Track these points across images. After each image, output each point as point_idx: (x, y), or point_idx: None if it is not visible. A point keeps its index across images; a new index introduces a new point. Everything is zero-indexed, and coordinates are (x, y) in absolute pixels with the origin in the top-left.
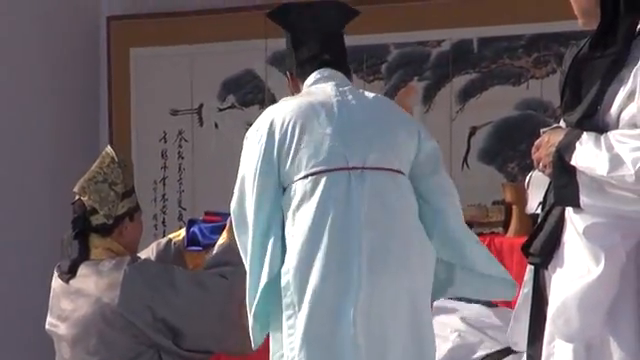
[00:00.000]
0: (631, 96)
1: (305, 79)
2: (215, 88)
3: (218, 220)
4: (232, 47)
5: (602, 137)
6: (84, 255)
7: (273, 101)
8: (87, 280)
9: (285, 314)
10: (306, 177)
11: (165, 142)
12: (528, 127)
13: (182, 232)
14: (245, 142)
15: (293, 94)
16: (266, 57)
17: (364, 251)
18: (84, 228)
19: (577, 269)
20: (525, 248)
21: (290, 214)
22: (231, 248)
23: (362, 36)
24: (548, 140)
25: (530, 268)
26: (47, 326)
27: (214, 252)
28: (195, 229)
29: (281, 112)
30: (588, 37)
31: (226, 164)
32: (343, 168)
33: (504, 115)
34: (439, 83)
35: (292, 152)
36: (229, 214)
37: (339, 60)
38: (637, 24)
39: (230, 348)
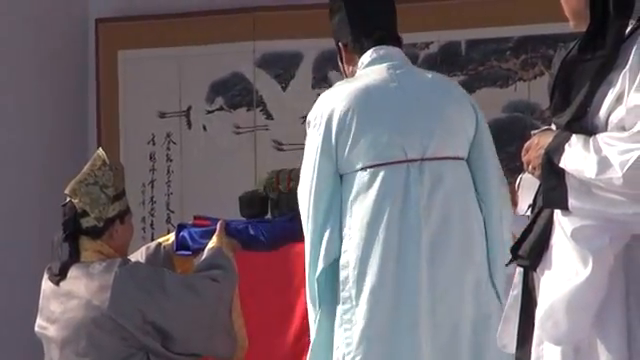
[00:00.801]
0: (620, 99)
1: (361, 53)
2: (203, 90)
3: (208, 224)
4: (220, 49)
5: (591, 140)
6: (74, 257)
7: (261, 103)
8: (77, 282)
9: (342, 308)
10: (364, 169)
11: (153, 145)
12: (516, 129)
13: (171, 236)
14: (307, 128)
15: (344, 68)
16: (254, 59)
17: (424, 245)
18: (74, 230)
19: (565, 271)
20: (514, 250)
21: (347, 205)
22: (221, 252)
23: None
24: (537, 142)
25: (519, 270)
26: (36, 328)
27: (204, 256)
28: (185, 233)
29: (339, 99)
30: (577, 39)
31: (214, 166)
32: (401, 161)
33: (492, 117)
34: None
35: (350, 142)
36: (218, 219)
37: (394, 30)
38: (626, 27)
39: (218, 351)
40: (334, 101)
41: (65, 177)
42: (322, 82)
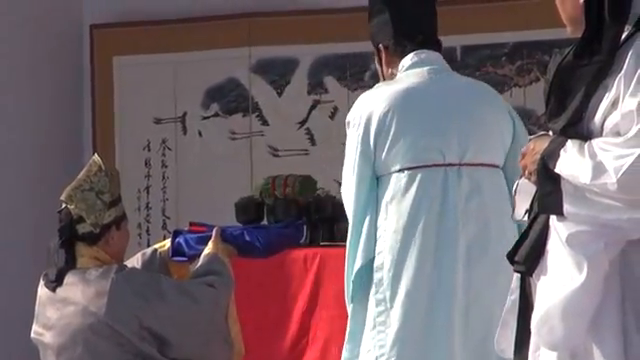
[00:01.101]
0: (615, 104)
1: (403, 56)
2: (199, 96)
3: (203, 230)
4: (215, 55)
5: (586, 145)
6: (70, 264)
7: (257, 109)
8: (74, 288)
9: (376, 310)
10: (402, 171)
11: (149, 150)
12: None
13: (167, 242)
14: (347, 129)
15: (382, 70)
16: (250, 65)
17: (460, 250)
18: (70, 236)
19: (560, 277)
20: (511, 256)
21: (383, 206)
22: (217, 258)
23: (345, 44)
24: (533, 148)
25: (517, 275)
26: (32, 334)
27: (200, 262)
28: (180, 239)
29: (378, 100)
30: (572, 45)
31: (210, 172)
32: (440, 164)
33: None
34: None
35: (388, 143)
36: (214, 225)
37: (434, 34)
38: (622, 33)
39: (215, 358)
40: (374, 103)
41: (60, 183)
42: (317, 88)
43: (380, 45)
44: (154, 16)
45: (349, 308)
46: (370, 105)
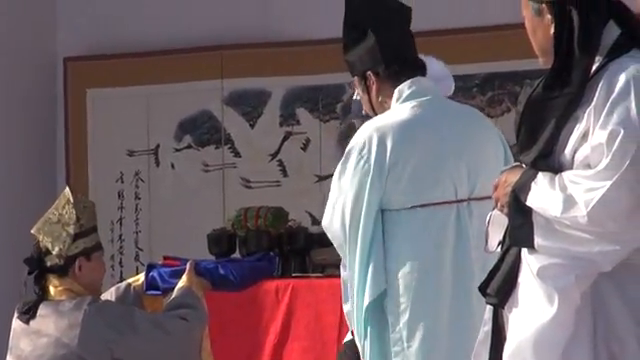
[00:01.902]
0: (585, 136)
1: (395, 80)
2: (171, 128)
3: (177, 264)
4: (188, 87)
5: (556, 177)
6: (41, 296)
7: (229, 141)
8: (47, 320)
9: (393, 350)
10: (414, 208)
11: (122, 182)
12: None
13: (141, 277)
14: (346, 159)
15: (370, 98)
16: (222, 97)
17: (475, 285)
18: (40, 269)
19: (532, 310)
20: (483, 288)
21: (394, 243)
22: (191, 291)
23: (317, 76)
24: (505, 180)
25: (489, 307)
26: None
27: (174, 295)
28: (154, 273)
29: (389, 132)
30: (542, 77)
31: (183, 204)
32: (452, 202)
33: None
34: None
35: (401, 177)
36: (188, 259)
37: (417, 57)
38: (592, 65)
39: None
40: (384, 134)
41: (33, 215)
42: (290, 119)
43: (369, 72)
44: (127, 49)
45: (362, 344)
46: (381, 136)
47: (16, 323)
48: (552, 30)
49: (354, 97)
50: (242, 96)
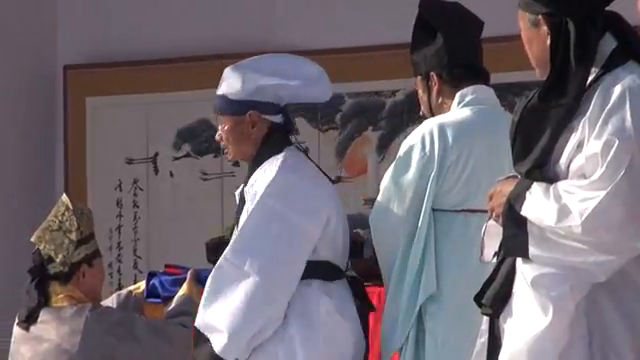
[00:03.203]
0: (580, 146)
1: (456, 87)
2: (170, 137)
3: (178, 273)
4: (187, 96)
5: (551, 187)
6: (43, 302)
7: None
8: (47, 326)
9: (427, 355)
10: (463, 212)
11: (120, 190)
12: None
13: (142, 284)
14: (407, 156)
15: (430, 98)
16: None
17: None
18: (42, 276)
19: (526, 320)
20: (478, 298)
21: (442, 246)
22: (191, 300)
23: None
24: (500, 190)
25: (486, 318)
26: None
27: (174, 303)
28: (155, 281)
29: (446, 129)
30: (538, 88)
31: (181, 213)
32: None
33: None
34: (394, 133)
35: (455, 177)
36: (189, 267)
37: (482, 65)
38: (588, 76)
39: None
40: (446, 132)
41: (33, 223)
42: None
43: (432, 73)
44: (127, 57)
45: (399, 346)
46: (442, 133)
47: (16, 329)
48: (548, 41)
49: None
50: None
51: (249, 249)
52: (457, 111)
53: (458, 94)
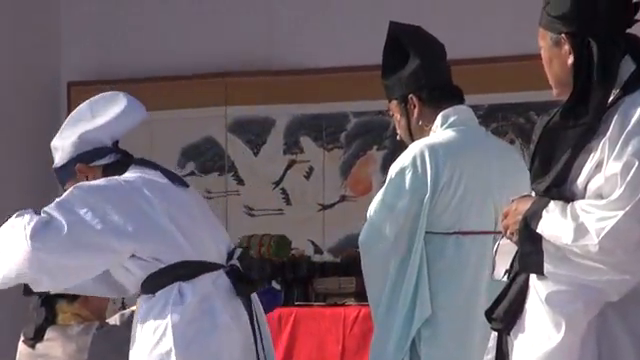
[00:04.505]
0: (599, 166)
1: (437, 107)
2: (175, 155)
3: None
4: (192, 114)
5: (568, 206)
6: (50, 320)
7: (233, 168)
8: (54, 344)
9: None
10: (455, 234)
11: None
12: None
13: None
14: (400, 177)
15: (410, 122)
16: (226, 124)
17: None
18: (49, 295)
19: (538, 335)
20: (488, 313)
21: (435, 269)
22: None
23: (321, 104)
24: (516, 208)
25: (494, 334)
26: None
27: None
28: None
29: (437, 150)
30: (559, 107)
31: None
32: (491, 232)
33: None
34: (398, 152)
35: (447, 199)
36: None
37: (458, 88)
38: (609, 97)
39: None
40: (438, 153)
41: None
42: (293, 148)
43: (411, 96)
44: (131, 74)
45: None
46: (434, 154)
47: (22, 347)
48: (569, 61)
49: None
50: (246, 123)
51: None
52: (442, 132)
53: (440, 115)
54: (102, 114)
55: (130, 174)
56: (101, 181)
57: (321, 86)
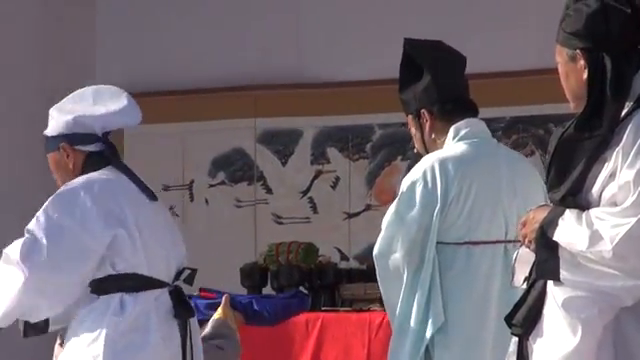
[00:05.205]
0: (613, 175)
1: (448, 121)
2: (205, 165)
3: (212, 297)
4: (222, 126)
5: (583, 214)
6: None
7: (262, 178)
8: None
9: None
10: (466, 244)
11: None
12: None
13: None
14: (411, 191)
15: (423, 135)
16: (255, 135)
17: None
18: None
19: (556, 340)
20: (508, 319)
21: (447, 278)
22: (226, 323)
23: (347, 116)
24: (533, 217)
25: (514, 339)
26: None
27: (210, 325)
28: None
29: (447, 164)
30: (573, 119)
31: (215, 238)
32: (502, 241)
33: None
34: None
35: (457, 211)
36: (223, 292)
37: (472, 101)
38: (622, 109)
39: None
40: (447, 166)
41: None
42: (320, 158)
43: (423, 110)
44: (164, 88)
45: None
46: (444, 168)
47: (57, 350)
48: (585, 75)
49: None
50: (274, 135)
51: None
52: (454, 145)
53: (452, 128)
54: (102, 104)
55: (107, 174)
56: (78, 183)
57: (347, 99)
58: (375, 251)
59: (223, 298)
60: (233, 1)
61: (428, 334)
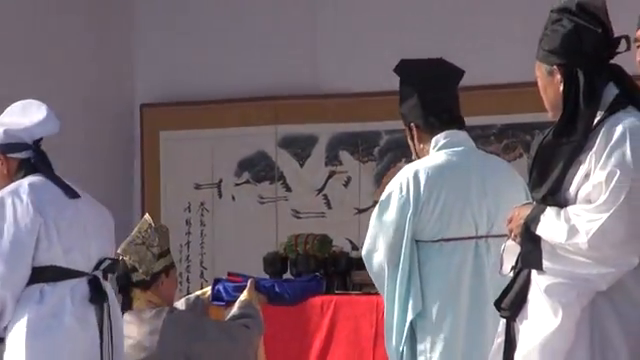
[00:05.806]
0: (587, 176)
1: (431, 133)
2: (232, 166)
3: (239, 280)
4: (247, 132)
5: (562, 211)
6: (127, 305)
7: (282, 178)
8: (131, 326)
9: (419, 358)
10: (440, 241)
11: (189, 212)
12: None
13: (208, 289)
14: (388, 199)
15: (414, 145)
16: (276, 140)
17: (489, 310)
18: (126, 283)
19: (539, 321)
20: (497, 303)
21: (425, 270)
22: (251, 304)
23: (358, 124)
24: (518, 214)
25: (503, 321)
26: None
27: (237, 306)
28: (220, 287)
29: (419, 173)
30: (551, 127)
31: (241, 231)
32: (473, 237)
33: None
34: None
35: (433, 214)
36: (250, 276)
37: (458, 112)
38: (594, 117)
39: None
40: (419, 175)
41: (115, 238)
42: (334, 160)
43: (412, 124)
44: (195, 97)
45: (399, 356)
46: (416, 176)
47: None
48: (561, 88)
49: None
50: (293, 140)
51: None
52: (433, 155)
53: (433, 140)
54: (28, 117)
55: (32, 179)
56: (7, 190)
57: (358, 108)
58: (363, 252)
59: (249, 282)
60: (258, 23)
61: (409, 318)
